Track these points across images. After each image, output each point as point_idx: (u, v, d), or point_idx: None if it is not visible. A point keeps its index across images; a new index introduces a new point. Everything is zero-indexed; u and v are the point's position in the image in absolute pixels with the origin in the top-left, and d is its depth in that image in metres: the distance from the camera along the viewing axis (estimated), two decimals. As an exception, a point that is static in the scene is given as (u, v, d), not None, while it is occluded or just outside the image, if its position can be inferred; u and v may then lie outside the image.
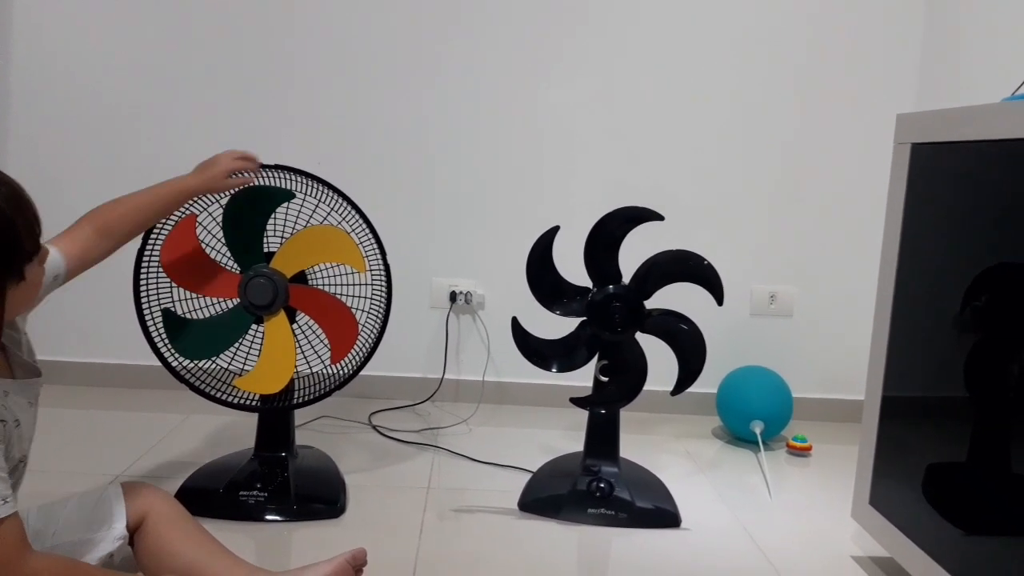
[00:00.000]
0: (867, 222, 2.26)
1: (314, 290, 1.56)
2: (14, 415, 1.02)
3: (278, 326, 1.49)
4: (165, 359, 1.55)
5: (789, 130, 2.25)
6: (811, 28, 2.22)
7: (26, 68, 2.18)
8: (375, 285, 1.59)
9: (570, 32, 2.21)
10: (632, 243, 1.61)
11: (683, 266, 1.58)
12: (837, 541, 1.61)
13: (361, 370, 1.60)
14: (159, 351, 1.54)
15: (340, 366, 1.59)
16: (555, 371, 1.63)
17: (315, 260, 1.53)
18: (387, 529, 1.55)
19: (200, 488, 1.58)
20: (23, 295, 1.01)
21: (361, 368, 1.60)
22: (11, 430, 1.00)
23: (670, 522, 1.63)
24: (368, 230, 1.56)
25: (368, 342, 1.60)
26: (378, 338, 1.60)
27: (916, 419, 1.38)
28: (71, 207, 2.18)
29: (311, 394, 1.62)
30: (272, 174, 1.53)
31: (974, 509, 1.19)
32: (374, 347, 1.60)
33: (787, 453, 2.07)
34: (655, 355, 1.63)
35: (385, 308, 1.60)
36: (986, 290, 1.19)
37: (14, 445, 1.01)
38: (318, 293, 1.55)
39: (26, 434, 1.04)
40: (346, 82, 2.20)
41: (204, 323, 1.54)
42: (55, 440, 1.86)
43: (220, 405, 1.58)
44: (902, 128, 1.43)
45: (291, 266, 1.50)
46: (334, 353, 1.54)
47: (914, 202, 1.39)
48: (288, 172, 1.53)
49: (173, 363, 1.55)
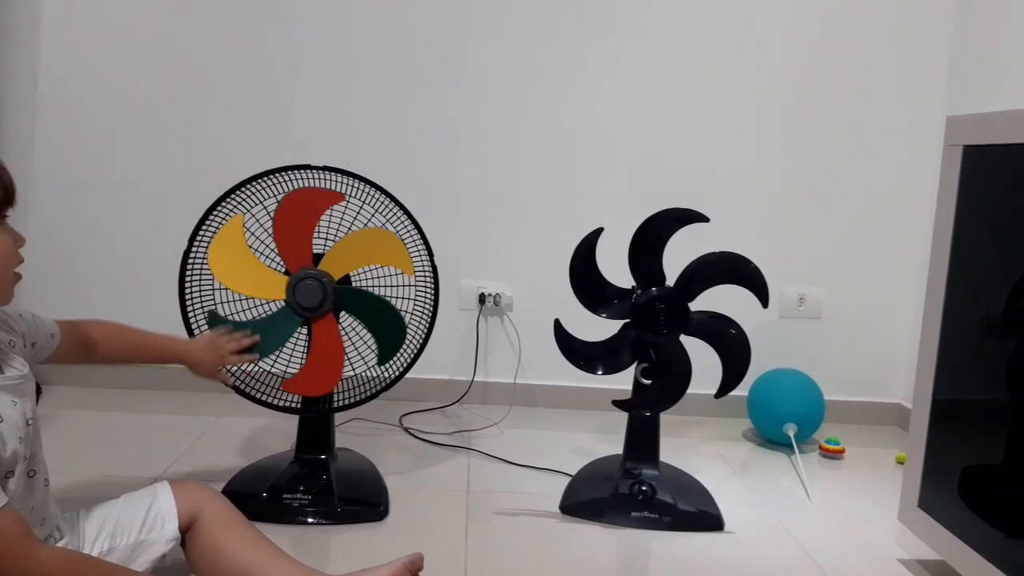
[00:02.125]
0: (896, 224, 2.27)
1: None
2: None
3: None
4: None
5: (819, 132, 2.25)
6: (839, 26, 2.22)
7: (53, 69, 2.16)
8: (421, 286, 1.58)
9: (604, 29, 2.20)
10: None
11: (731, 268, 1.57)
12: (881, 544, 1.60)
13: (407, 372, 1.59)
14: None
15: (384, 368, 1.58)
16: (600, 374, 1.63)
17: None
18: (431, 532, 1.54)
19: (242, 492, 1.56)
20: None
21: (408, 370, 1.59)
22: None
23: (714, 525, 1.62)
24: (416, 232, 1.56)
25: (414, 343, 1.59)
26: (425, 339, 1.59)
27: (968, 422, 1.38)
28: (97, 207, 2.19)
29: (352, 397, 1.61)
30: (320, 175, 1.52)
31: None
32: (420, 348, 1.59)
33: (820, 456, 2.06)
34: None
35: (432, 309, 1.59)
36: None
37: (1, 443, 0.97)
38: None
39: (12, 433, 0.99)
40: (374, 82, 2.19)
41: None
42: (80, 444, 1.85)
43: (262, 407, 1.57)
44: (953, 130, 1.42)
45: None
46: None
47: (965, 205, 1.39)
48: (335, 173, 1.52)
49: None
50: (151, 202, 2.21)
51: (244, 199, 1.51)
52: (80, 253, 2.21)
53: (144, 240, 2.21)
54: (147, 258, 2.20)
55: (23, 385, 1.05)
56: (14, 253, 1.02)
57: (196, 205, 1.54)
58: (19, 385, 1.04)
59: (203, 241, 1.51)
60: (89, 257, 2.22)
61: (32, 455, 1.06)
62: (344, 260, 1.49)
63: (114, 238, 2.22)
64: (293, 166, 1.51)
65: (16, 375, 1.04)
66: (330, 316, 1.49)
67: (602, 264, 1.63)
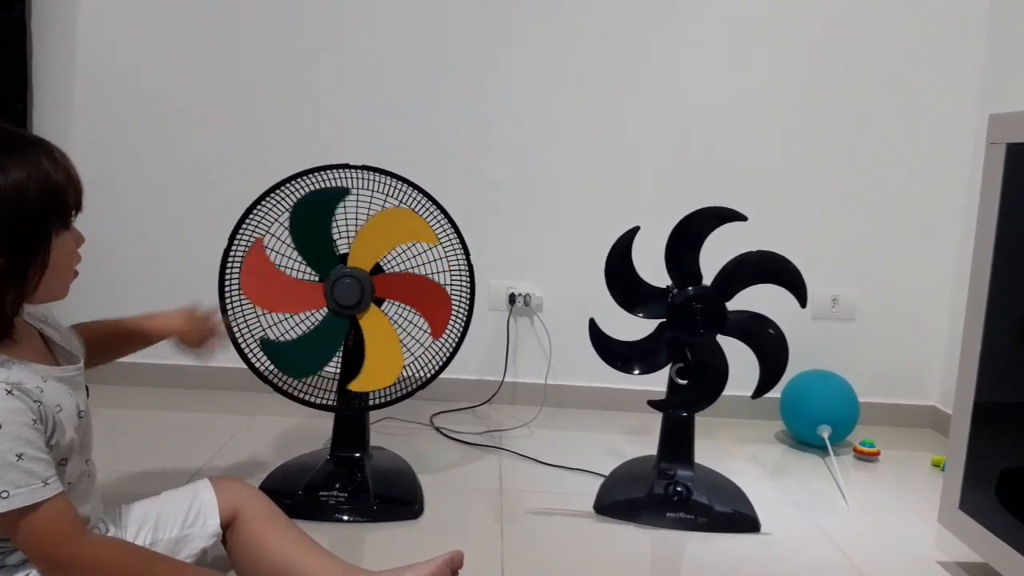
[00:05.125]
0: (930, 225, 2.25)
1: (397, 275, 1.56)
2: (54, 401, 0.99)
3: (375, 320, 1.49)
4: (249, 361, 1.54)
5: (851, 132, 2.23)
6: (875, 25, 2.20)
7: (90, 68, 2.19)
8: (456, 285, 1.59)
9: (633, 30, 2.20)
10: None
11: (772, 267, 1.56)
12: (920, 546, 1.59)
13: (444, 370, 1.59)
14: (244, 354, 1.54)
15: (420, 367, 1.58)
16: (637, 373, 1.62)
17: (388, 246, 1.53)
18: (466, 531, 1.54)
19: (279, 489, 1.56)
20: (57, 264, 0.99)
21: (445, 367, 1.59)
22: (51, 413, 0.98)
23: (750, 527, 1.61)
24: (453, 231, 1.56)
25: (451, 341, 1.59)
26: (461, 336, 1.59)
27: (1010, 424, 1.36)
28: (133, 206, 2.21)
29: (388, 395, 1.61)
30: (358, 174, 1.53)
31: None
32: (457, 345, 1.59)
33: (854, 458, 2.04)
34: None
35: (468, 307, 1.59)
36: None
37: (60, 430, 0.99)
38: (402, 276, 1.55)
39: (69, 423, 1.01)
40: (406, 83, 2.20)
41: (303, 340, 1.53)
42: (118, 441, 1.87)
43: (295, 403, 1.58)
44: (996, 128, 1.41)
45: (368, 258, 1.50)
46: (434, 329, 1.54)
47: (1009, 203, 1.37)
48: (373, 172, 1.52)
49: (256, 364, 1.54)
50: (186, 201, 2.23)
51: (284, 198, 1.52)
52: (115, 253, 2.23)
53: (180, 239, 2.23)
54: (182, 257, 2.22)
55: (78, 377, 1.07)
56: (76, 254, 1.04)
57: (231, 204, 1.55)
58: (74, 377, 1.06)
59: (242, 241, 1.52)
60: (124, 257, 2.24)
61: (84, 447, 1.08)
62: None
63: (150, 237, 2.25)
64: (332, 165, 1.51)
65: (72, 368, 1.06)
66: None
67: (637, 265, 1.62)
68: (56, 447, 1.00)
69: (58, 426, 1.00)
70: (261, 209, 1.52)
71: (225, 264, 1.52)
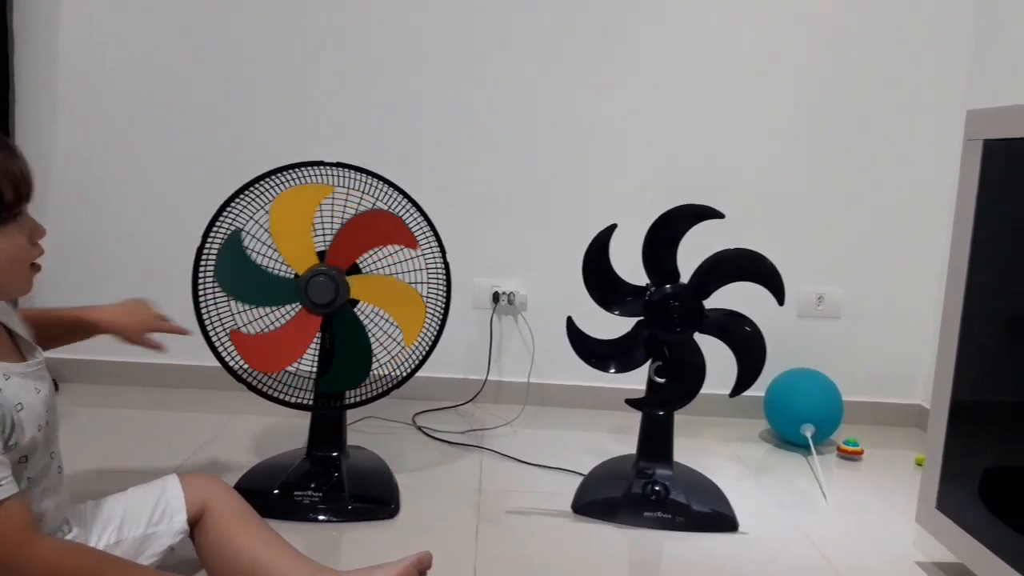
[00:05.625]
0: (917, 223, 2.24)
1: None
2: (15, 399, 0.98)
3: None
4: (224, 360, 1.53)
5: (838, 131, 2.22)
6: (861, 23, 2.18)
7: (73, 66, 2.18)
8: (433, 283, 1.58)
9: (619, 27, 2.18)
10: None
11: (748, 266, 1.55)
12: (898, 546, 1.58)
13: (418, 370, 1.58)
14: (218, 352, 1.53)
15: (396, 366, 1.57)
16: (613, 372, 1.61)
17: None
18: (442, 531, 1.53)
19: (254, 488, 1.56)
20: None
21: (419, 367, 1.58)
22: (10, 413, 0.97)
23: (727, 526, 1.60)
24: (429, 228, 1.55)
25: (426, 341, 1.58)
26: (436, 337, 1.59)
27: (985, 423, 1.36)
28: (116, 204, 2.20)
29: (364, 394, 1.60)
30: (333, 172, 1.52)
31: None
32: (432, 347, 1.58)
33: (837, 457, 2.03)
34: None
35: (444, 307, 1.59)
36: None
37: (19, 430, 0.98)
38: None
39: (32, 420, 1.00)
40: (393, 82, 2.19)
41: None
42: (97, 440, 1.86)
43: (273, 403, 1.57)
44: (973, 124, 1.39)
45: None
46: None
47: (986, 200, 1.36)
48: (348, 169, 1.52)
49: (231, 364, 1.54)
50: (170, 199, 2.22)
51: (257, 196, 1.51)
52: (98, 250, 2.23)
53: (162, 237, 2.22)
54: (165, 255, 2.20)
55: (42, 371, 1.07)
56: (27, 247, 1.02)
57: (215, 202, 1.54)
58: (39, 371, 1.06)
59: (216, 239, 1.51)
60: (106, 254, 2.24)
61: (50, 440, 1.07)
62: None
63: (132, 235, 2.24)
64: (306, 163, 1.51)
65: (35, 362, 1.06)
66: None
67: (621, 262, 1.62)
68: (16, 447, 0.98)
69: (17, 426, 0.98)
70: (236, 206, 1.51)
71: (199, 261, 1.51)
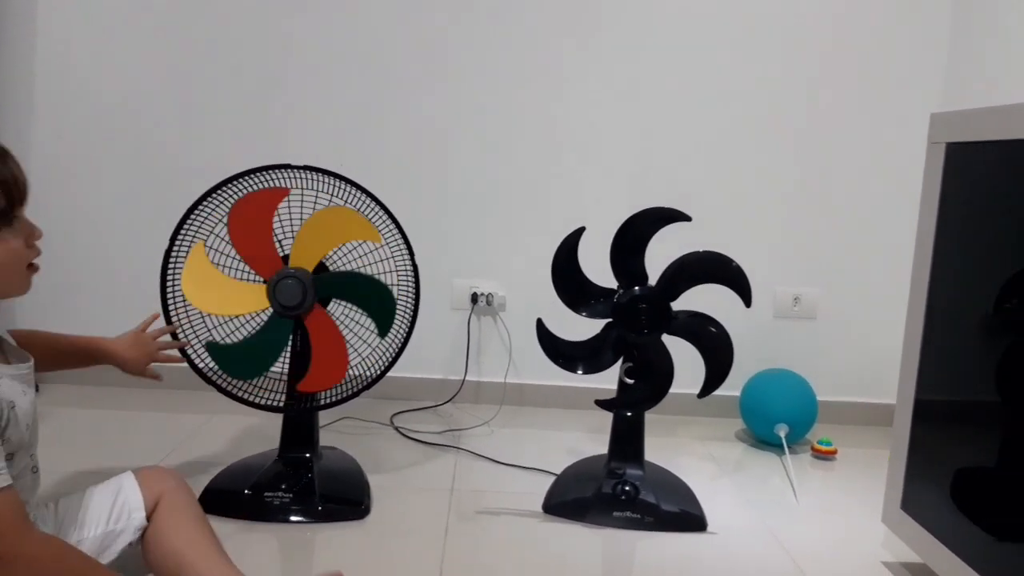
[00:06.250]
0: (892, 223, 2.24)
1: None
2: (8, 396, 1.01)
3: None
4: (192, 361, 1.54)
5: (811, 130, 2.23)
6: (835, 26, 2.20)
7: (48, 69, 2.19)
8: (403, 287, 1.59)
9: (590, 30, 2.19)
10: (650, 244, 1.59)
11: (712, 268, 1.56)
12: (866, 546, 1.59)
13: (389, 370, 1.59)
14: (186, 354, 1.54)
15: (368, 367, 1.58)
16: (581, 373, 1.62)
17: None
18: (412, 531, 1.54)
19: (225, 489, 1.58)
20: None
21: (389, 368, 1.59)
22: (5, 408, 1.00)
23: (696, 526, 1.61)
24: (397, 231, 1.56)
25: (396, 342, 1.59)
26: (405, 340, 1.59)
27: (950, 423, 1.36)
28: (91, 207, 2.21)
29: (338, 395, 1.61)
30: (301, 175, 1.53)
31: (1010, 515, 1.17)
32: (402, 346, 1.59)
33: (812, 457, 2.05)
34: (678, 357, 1.62)
35: (413, 310, 1.59)
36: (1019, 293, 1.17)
37: (14, 424, 1.01)
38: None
39: (23, 419, 1.03)
40: (366, 82, 2.20)
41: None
42: (75, 440, 1.87)
43: (245, 406, 1.58)
44: (936, 127, 1.40)
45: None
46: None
47: (948, 203, 1.37)
48: (316, 172, 1.52)
49: (200, 364, 1.54)
50: (144, 202, 2.22)
51: (225, 199, 1.52)
52: (74, 254, 2.23)
53: (137, 240, 2.23)
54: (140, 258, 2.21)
55: (29, 376, 1.09)
56: (23, 249, 1.05)
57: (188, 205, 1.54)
58: (27, 375, 1.08)
59: (184, 242, 1.52)
60: (82, 258, 2.24)
61: (30, 443, 1.09)
62: (309, 248, 1.49)
63: (108, 239, 2.24)
64: (273, 165, 1.51)
65: (24, 365, 1.08)
66: (319, 309, 1.50)
67: (588, 265, 1.63)
68: (8, 441, 1.01)
69: (12, 420, 1.01)
70: (204, 210, 1.52)
71: (167, 265, 1.52)
